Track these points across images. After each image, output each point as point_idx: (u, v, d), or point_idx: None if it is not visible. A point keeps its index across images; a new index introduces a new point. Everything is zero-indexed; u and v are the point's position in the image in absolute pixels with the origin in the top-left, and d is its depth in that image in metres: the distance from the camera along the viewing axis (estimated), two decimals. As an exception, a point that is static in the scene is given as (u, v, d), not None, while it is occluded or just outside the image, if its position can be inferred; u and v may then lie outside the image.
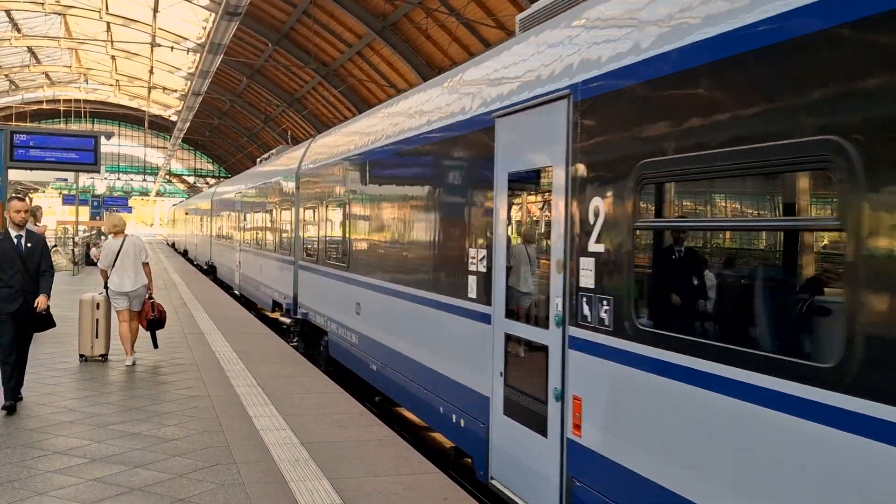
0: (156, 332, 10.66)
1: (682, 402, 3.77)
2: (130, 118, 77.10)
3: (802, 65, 3.17)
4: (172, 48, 40.14)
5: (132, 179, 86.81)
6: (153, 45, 42.69)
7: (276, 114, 53.78)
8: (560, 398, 4.84)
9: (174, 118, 55.68)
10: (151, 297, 10.59)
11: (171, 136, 55.14)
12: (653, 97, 4.06)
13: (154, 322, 10.54)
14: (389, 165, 8.68)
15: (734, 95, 3.55)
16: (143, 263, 10.47)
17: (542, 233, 5.49)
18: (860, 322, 2.90)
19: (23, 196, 8.70)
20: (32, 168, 18.00)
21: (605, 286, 4.40)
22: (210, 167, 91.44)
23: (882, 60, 2.87)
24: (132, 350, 10.44)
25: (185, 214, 46.99)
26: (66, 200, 45.01)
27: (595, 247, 4.50)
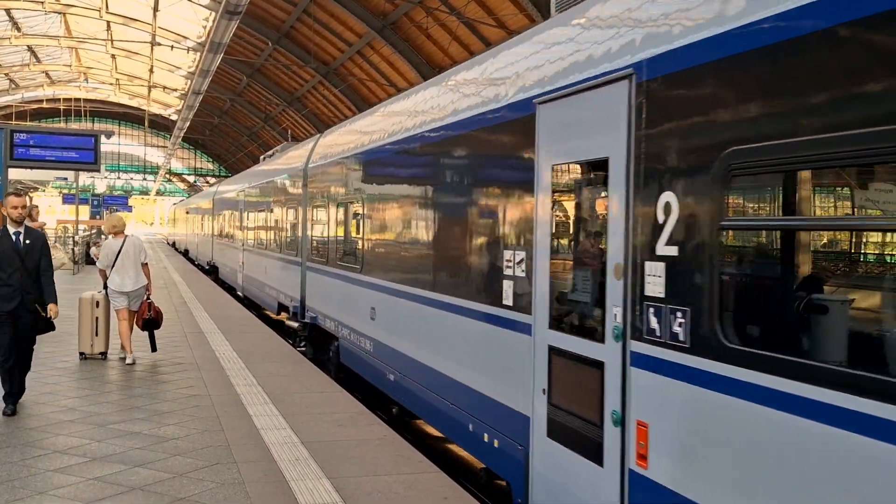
0: (154, 334, 10.61)
1: (786, 436, 3.13)
2: (130, 117, 77.11)
3: None
4: (172, 47, 40.16)
5: (132, 178, 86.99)
6: (153, 44, 42.66)
7: (276, 113, 53.80)
8: (619, 423, 4.23)
9: (174, 117, 55.69)
10: (149, 298, 10.59)
11: (172, 135, 55.22)
12: (747, 73, 3.42)
13: (150, 322, 10.50)
14: (408, 160, 8.06)
15: (856, 67, 2.92)
16: (143, 264, 10.49)
17: (596, 233, 4.88)
18: None
19: (20, 192, 8.54)
20: (32, 167, 18.04)
21: (680, 295, 3.76)
22: (210, 166, 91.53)
23: None
24: (131, 349, 10.44)
25: (186, 214, 46.90)
26: (66, 199, 45.00)
27: (666, 249, 3.86)
